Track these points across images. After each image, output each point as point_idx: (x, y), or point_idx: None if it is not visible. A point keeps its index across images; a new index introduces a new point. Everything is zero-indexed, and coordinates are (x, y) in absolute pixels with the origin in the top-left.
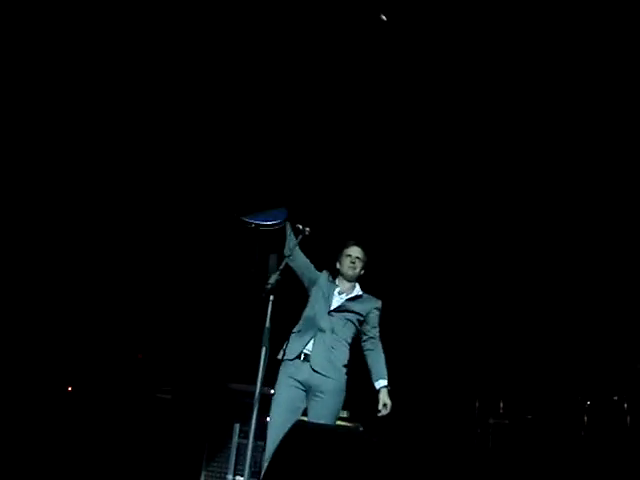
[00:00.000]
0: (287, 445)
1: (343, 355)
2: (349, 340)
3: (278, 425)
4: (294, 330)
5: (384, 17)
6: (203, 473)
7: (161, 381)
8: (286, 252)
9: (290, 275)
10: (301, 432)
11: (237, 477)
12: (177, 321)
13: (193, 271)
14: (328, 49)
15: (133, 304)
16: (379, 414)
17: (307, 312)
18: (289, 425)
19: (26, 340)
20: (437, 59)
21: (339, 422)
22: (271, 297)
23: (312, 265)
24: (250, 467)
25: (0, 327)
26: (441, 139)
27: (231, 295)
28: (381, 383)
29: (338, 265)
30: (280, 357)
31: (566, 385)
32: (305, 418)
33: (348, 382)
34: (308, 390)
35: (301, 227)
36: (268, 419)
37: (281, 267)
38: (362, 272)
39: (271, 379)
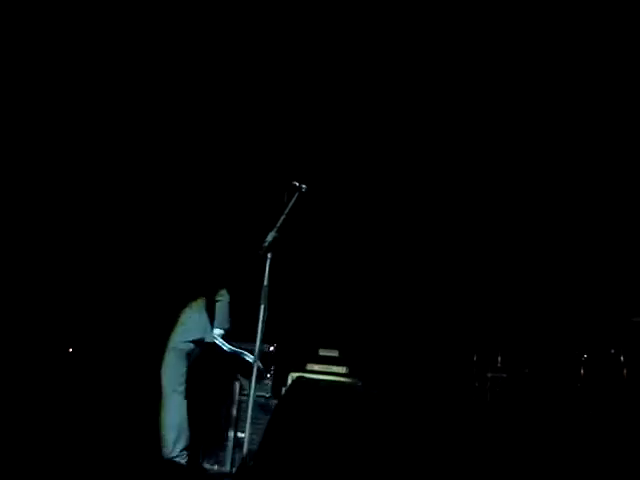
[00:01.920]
0: (287, 401)
1: None
2: None
3: None
4: None
5: None
6: (204, 430)
7: (158, 340)
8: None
9: (287, 232)
10: (301, 388)
11: (239, 433)
12: (173, 277)
13: (190, 228)
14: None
15: (136, 264)
16: None
17: None
18: None
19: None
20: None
21: (338, 378)
22: (269, 255)
23: None
24: (251, 423)
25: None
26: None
27: (229, 253)
28: None
29: None
30: None
31: (563, 339)
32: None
33: (346, 338)
34: None
35: (297, 184)
36: (268, 375)
37: (278, 225)
38: None
39: (270, 337)
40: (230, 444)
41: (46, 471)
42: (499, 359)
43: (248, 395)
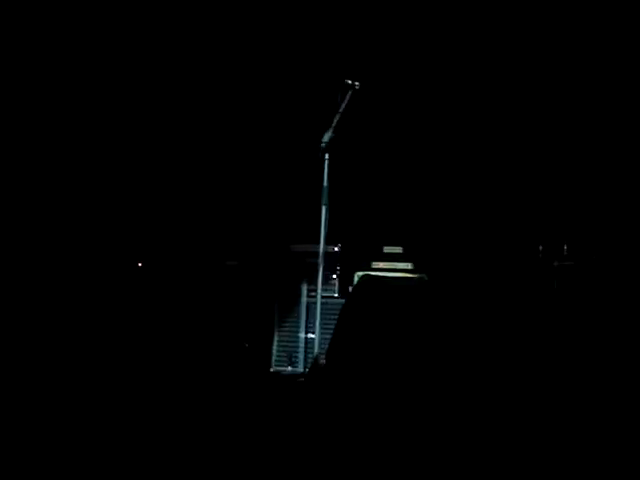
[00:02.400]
0: (354, 300)
1: None
2: None
3: None
4: None
5: None
6: (276, 333)
7: (227, 249)
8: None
9: (344, 132)
10: (367, 286)
11: (309, 334)
12: (237, 186)
13: (247, 132)
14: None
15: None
16: None
17: None
18: None
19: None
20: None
21: (404, 274)
22: (326, 155)
23: None
24: (320, 324)
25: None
26: None
27: (288, 156)
28: None
29: None
30: None
31: (631, 226)
32: None
33: (410, 234)
34: None
35: (350, 82)
36: (334, 276)
37: (334, 124)
38: None
39: (334, 237)
40: (301, 345)
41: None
42: (565, 247)
43: (316, 296)
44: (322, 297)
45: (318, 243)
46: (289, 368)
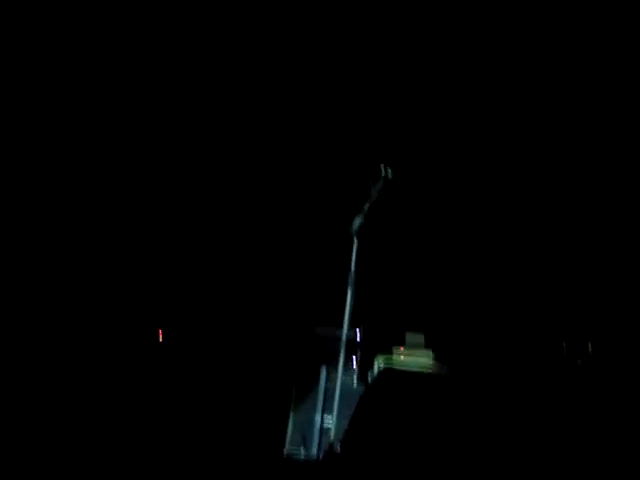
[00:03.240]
0: (374, 390)
1: None
2: None
3: None
4: None
5: None
6: (292, 414)
7: (250, 325)
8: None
9: (375, 219)
10: (387, 377)
11: (325, 415)
12: (262, 265)
13: (278, 216)
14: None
15: (220, 247)
16: None
17: None
18: None
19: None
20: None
21: (424, 363)
22: (355, 240)
23: None
24: (338, 409)
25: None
26: None
27: (317, 239)
28: None
29: None
30: None
31: None
32: None
33: (432, 322)
34: None
35: (383, 170)
36: (354, 362)
37: (365, 211)
38: None
39: (357, 320)
40: (317, 429)
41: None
42: (589, 346)
43: (335, 381)
44: (341, 379)
45: (341, 326)
46: (303, 452)
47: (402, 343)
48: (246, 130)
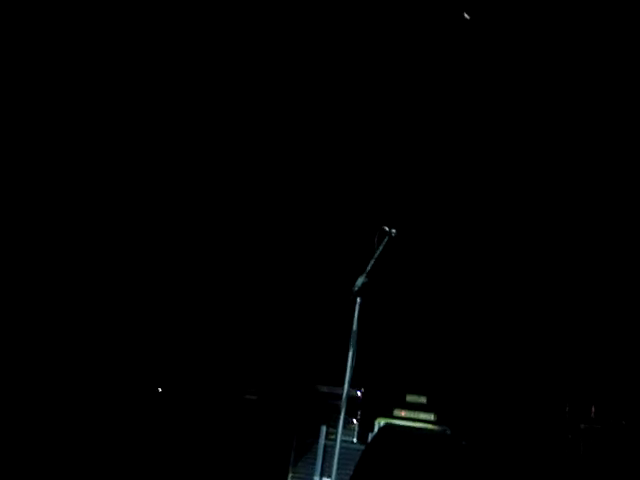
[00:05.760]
0: (374, 448)
1: None
2: None
3: None
4: None
5: (467, 15)
6: (290, 474)
7: (248, 382)
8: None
9: (377, 277)
10: (388, 435)
11: (324, 479)
12: (264, 322)
13: (281, 273)
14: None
15: (221, 304)
16: None
17: None
18: None
19: (118, 342)
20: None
21: (426, 425)
22: (358, 299)
23: None
24: (338, 469)
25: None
26: None
27: (318, 297)
28: None
29: None
30: None
31: None
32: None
33: (435, 385)
34: None
35: (387, 228)
36: (354, 421)
37: (368, 269)
38: None
39: (357, 381)
40: None
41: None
42: (593, 410)
43: (335, 440)
44: (341, 441)
45: (342, 385)
46: None
47: (403, 406)
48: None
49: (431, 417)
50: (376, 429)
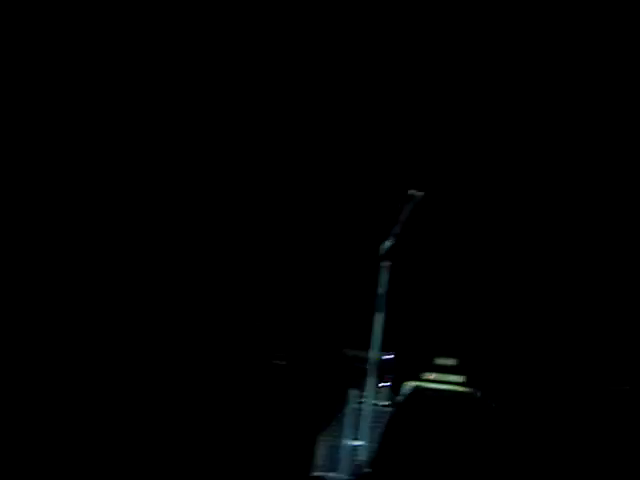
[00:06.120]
0: (404, 411)
1: None
2: None
3: None
4: None
5: None
6: (319, 438)
7: (276, 348)
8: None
9: (405, 241)
10: (418, 398)
11: (355, 441)
12: (291, 288)
13: (308, 238)
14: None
15: (248, 270)
16: None
17: None
18: None
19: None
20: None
21: (456, 387)
22: (385, 263)
23: None
24: (367, 431)
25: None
26: None
27: (346, 261)
28: None
29: None
30: None
31: None
32: None
33: (464, 347)
34: None
35: (413, 192)
36: (385, 384)
37: (394, 233)
38: None
39: (387, 345)
40: (346, 452)
41: None
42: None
43: (364, 403)
44: (371, 404)
45: (370, 349)
46: (331, 474)
47: (433, 368)
48: (270, 153)
49: (461, 379)
50: (406, 392)
